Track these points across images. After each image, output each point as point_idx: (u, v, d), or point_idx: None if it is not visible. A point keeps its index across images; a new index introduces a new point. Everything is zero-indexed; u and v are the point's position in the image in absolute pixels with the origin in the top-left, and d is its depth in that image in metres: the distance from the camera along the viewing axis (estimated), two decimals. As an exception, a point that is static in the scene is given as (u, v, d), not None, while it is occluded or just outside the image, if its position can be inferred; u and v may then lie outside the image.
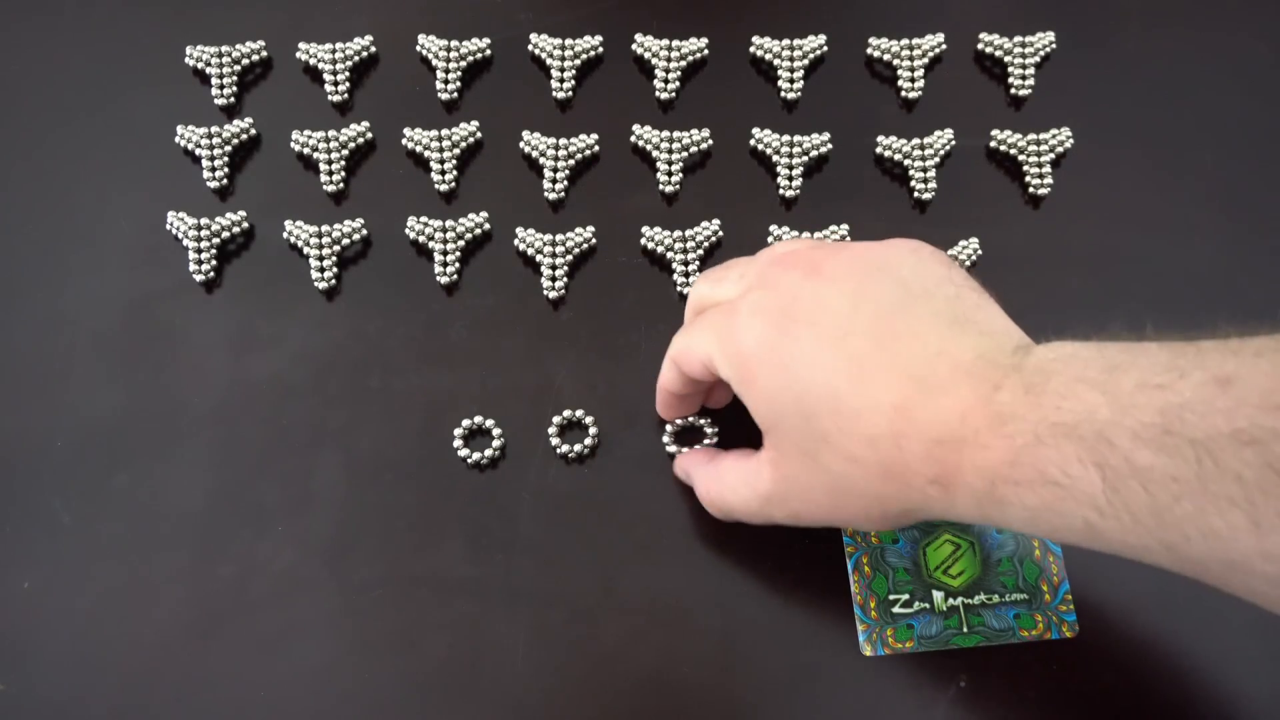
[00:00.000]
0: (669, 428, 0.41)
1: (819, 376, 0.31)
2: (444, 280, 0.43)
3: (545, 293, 0.43)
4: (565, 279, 0.43)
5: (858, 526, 0.34)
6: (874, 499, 0.31)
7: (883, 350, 0.30)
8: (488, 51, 0.47)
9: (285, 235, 0.44)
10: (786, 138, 0.45)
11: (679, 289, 0.43)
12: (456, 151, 0.45)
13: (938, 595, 0.38)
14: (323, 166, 0.45)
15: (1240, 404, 0.24)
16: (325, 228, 0.44)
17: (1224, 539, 0.25)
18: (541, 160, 0.45)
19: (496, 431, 0.41)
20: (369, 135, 0.46)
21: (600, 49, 0.47)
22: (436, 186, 0.45)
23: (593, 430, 0.41)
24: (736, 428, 0.39)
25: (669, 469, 0.41)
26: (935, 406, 0.29)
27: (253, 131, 0.46)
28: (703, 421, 0.40)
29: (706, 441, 0.40)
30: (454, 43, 0.47)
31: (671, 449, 0.40)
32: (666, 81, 0.46)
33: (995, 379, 0.29)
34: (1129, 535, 0.27)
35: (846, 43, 0.47)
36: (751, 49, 0.47)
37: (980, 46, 0.47)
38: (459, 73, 0.46)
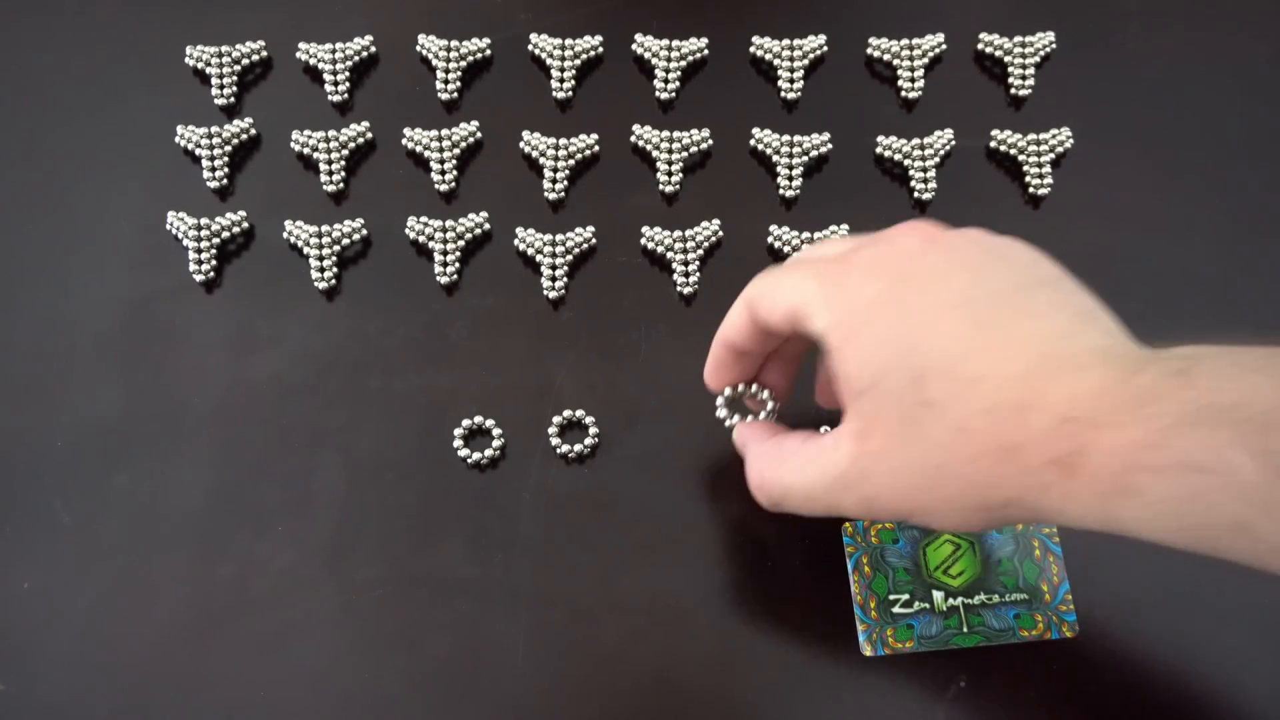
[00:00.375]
0: (721, 397, 0.36)
1: (936, 337, 0.27)
2: (444, 280, 0.43)
3: (545, 293, 0.43)
4: (565, 279, 0.43)
5: (942, 522, 0.29)
6: (975, 484, 0.27)
7: (1009, 323, 0.27)
8: (488, 51, 0.47)
9: (285, 235, 0.44)
10: (786, 138, 0.45)
11: (679, 289, 0.43)
12: (456, 151, 0.45)
13: (938, 595, 0.38)
14: (323, 166, 0.45)
15: None
16: (325, 228, 0.44)
17: None
18: (541, 160, 0.45)
19: (496, 431, 0.41)
20: (369, 135, 0.46)
21: (600, 49, 0.47)
22: (436, 186, 0.45)
23: (593, 430, 0.41)
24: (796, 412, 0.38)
25: (669, 469, 0.40)
26: (1067, 381, 0.26)
27: (253, 131, 0.46)
28: (765, 393, 0.36)
29: (766, 413, 0.36)
30: (454, 42, 0.47)
31: (729, 420, 0.36)
32: (666, 81, 0.46)
33: (1134, 363, 0.26)
34: None
35: (846, 43, 0.47)
36: (751, 49, 0.47)
37: (980, 46, 0.47)
38: (459, 73, 0.46)
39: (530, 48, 0.47)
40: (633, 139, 0.46)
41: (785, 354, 0.36)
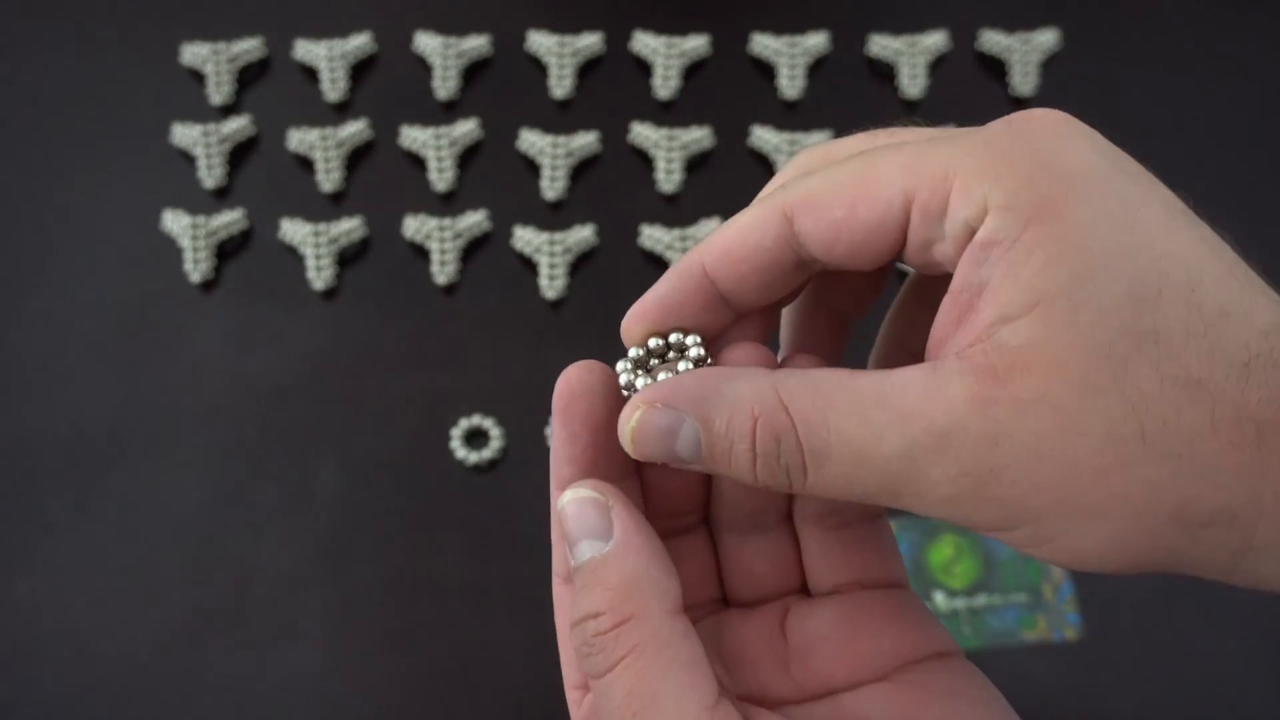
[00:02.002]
0: (632, 353, 0.22)
1: (1178, 243, 0.19)
2: (442, 280, 0.43)
3: (544, 292, 0.43)
4: (564, 278, 0.43)
5: (1083, 537, 0.18)
6: (1186, 476, 0.17)
7: (1230, 251, 0.20)
8: (486, 49, 0.47)
9: (282, 234, 0.44)
10: (787, 136, 0.45)
11: (679, 288, 0.43)
12: (455, 150, 0.45)
13: (939, 596, 0.38)
14: (320, 165, 0.45)
15: None
16: (322, 227, 0.43)
17: None
18: (540, 159, 0.45)
19: (496, 432, 0.41)
20: (367, 134, 0.45)
21: (599, 46, 0.47)
22: (435, 185, 0.45)
23: (592, 430, 0.41)
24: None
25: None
26: None
27: (250, 130, 0.45)
28: (688, 339, 0.22)
29: (685, 365, 0.22)
30: (452, 40, 0.46)
31: (637, 382, 0.22)
32: (666, 79, 0.46)
33: None
34: None
35: (848, 40, 0.47)
36: (752, 46, 0.47)
37: (982, 44, 0.47)
38: (457, 71, 0.46)
39: (529, 45, 0.47)
40: (632, 137, 0.45)
41: (845, 283, 0.24)
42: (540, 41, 0.46)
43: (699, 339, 0.22)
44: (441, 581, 0.39)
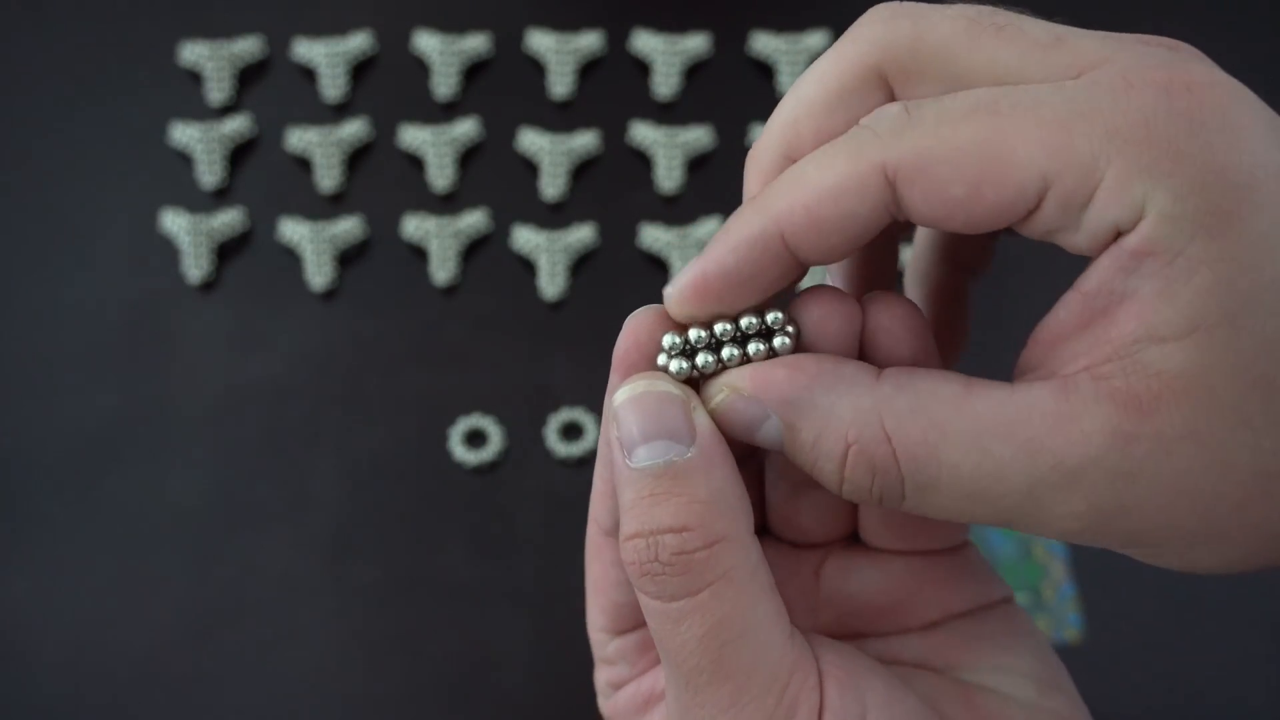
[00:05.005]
0: (694, 332, 0.19)
1: None
2: (442, 279, 0.43)
3: (544, 292, 0.43)
4: (564, 278, 0.43)
5: (1212, 556, 0.17)
6: None
7: None
8: (486, 48, 0.47)
9: (281, 234, 0.44)
10: (787, 135, 0.45)
11: (679, 288, 0.43)
12: (454, 149, 0.45)
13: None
14: (320, 165, 0.45)
15: None
16: (322, 226, 0.43)
17: None
18: (540, 158, 0.45)
19: (495, 432, 0.41)
20: (367, 133, 0.45)
21: (600, 46, 0.47)
22: (434, 185, 0.45)
23: (592, 430, 0.41)
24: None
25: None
26: None
27: (249, 130, 0.45)
28: (769, 317, 0.18)
29: (767, 346, 0.18)
30: (452, 39, 0.46)
31: (691, 370, 0.19)
32: (666, 79, 0.46)
33: None
34: None
35: (847, 39, 0.47)
36: (751, 46, 0.47)
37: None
38: (457, 70, 0.46)
39: (529, 45, 0.47)
40: (632, 137, 0.45)
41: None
42: (540, 41, 0.46)
43: (784, 321, 0.18)
44: (441, 581, 0.39)
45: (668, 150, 0.45)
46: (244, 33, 0.47)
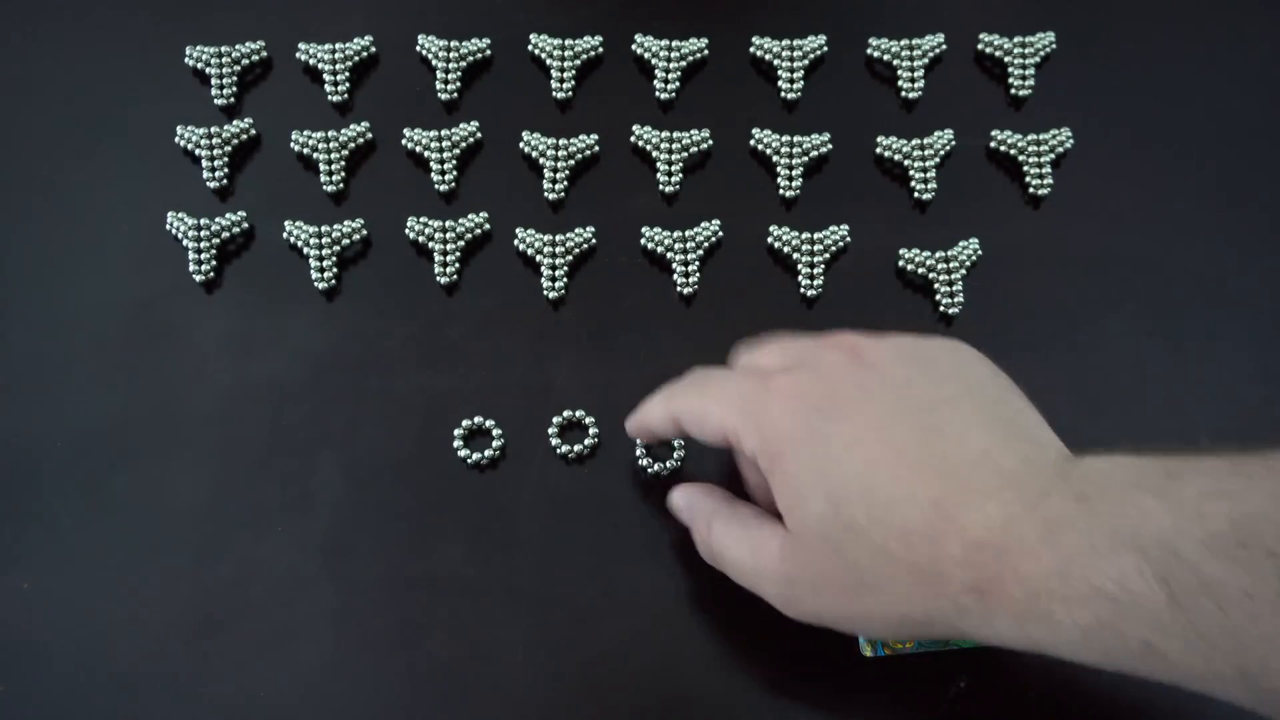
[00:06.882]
0: (640, 442, 0.40)
1: (854, 463, 0.29)
2: (444, 281, 0.43)
3: (545, 293, 0.43)
4: (565, 279, 0.43)
5: (870, 629, 0.32)
6: (896, 602, 0.29)
7: (924, 444, 0.29)
8: (488, 51, 0.47)
9: (285, 236, 0.44)
10: (786, 138, 0.45)
11: (679, 289, 0.43)
12: (456, 152, 0.45)
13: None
14: (323, 167, 0.45)
15: None
16: (325, 228, 0.44)
17: None
18: (541, 160, 0.45)
19: (496, 432, 0.41)
20: (369, 135, 0.46)
21: (600, 49, 0.47)
22: (436, 187, 0.45)
23: (593, 430, 0.41)
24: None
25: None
26: (977, 508, 0.27)
27: (253, 132, 0.46)
28: (675, 443, 0.41)
29: (674, 461, 0.40)
30: (454, 42, 0.47)
31: (652, 467, 0.40)
32: (666, 82, 0.46)
33: (1042, 485, 0.27)
34: (1197, 660, 0.24)
35: (847, 43, 0.47)
36: (751, 49, 0.47)
37: (980, 47, 0.47)
38: (459, 73, 0.46)
39: (530, 48, 0.47)
40: (633, 139, 0.46)
41: None
42: (541, 44, 0.47)
43: (680, 444, 0.41)
44: (441, 581, 0.39)
45: (668, 153, 0.45)
46: (248, 37, 0.47)
